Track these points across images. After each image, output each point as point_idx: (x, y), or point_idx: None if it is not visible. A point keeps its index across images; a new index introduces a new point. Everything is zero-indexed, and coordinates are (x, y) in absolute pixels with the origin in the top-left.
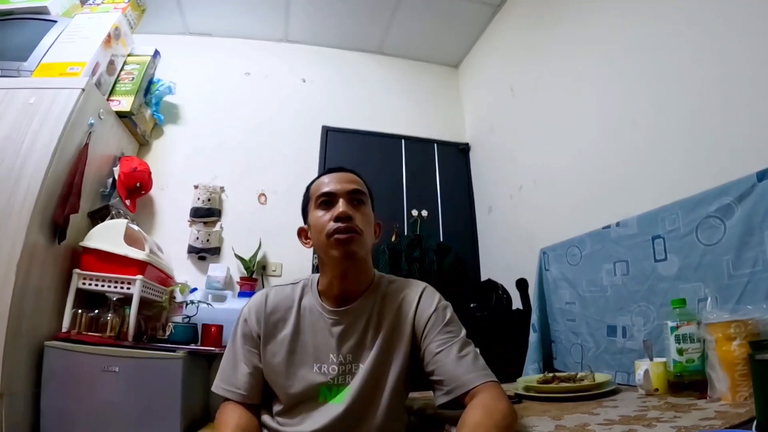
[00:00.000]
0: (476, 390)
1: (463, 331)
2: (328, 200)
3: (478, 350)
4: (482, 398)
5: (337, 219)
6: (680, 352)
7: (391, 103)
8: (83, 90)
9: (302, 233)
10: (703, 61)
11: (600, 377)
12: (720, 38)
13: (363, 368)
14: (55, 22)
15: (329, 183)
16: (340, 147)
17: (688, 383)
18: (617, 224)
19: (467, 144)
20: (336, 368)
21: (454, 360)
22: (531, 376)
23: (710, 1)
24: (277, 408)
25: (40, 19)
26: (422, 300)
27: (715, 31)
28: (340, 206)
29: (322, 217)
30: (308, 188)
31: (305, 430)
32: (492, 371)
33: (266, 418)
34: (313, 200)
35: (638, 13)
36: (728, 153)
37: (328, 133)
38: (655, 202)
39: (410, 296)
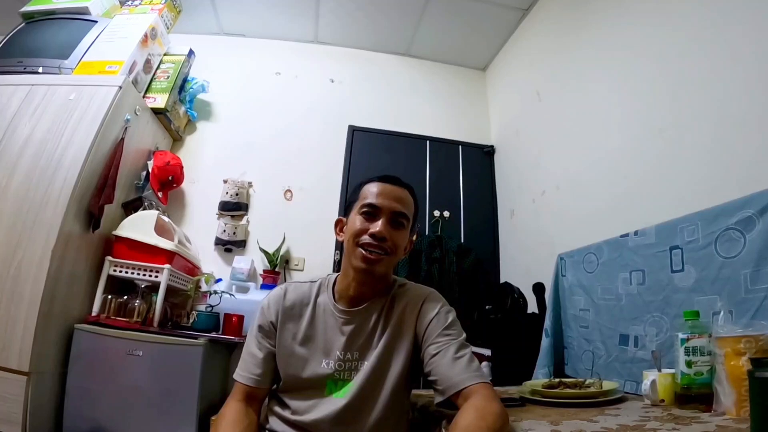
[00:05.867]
0: (468, 391)
1: (463, 335)
2: (371, 212)
3: (492, 357)
4: (474, 400)
5: (371, 235)
6: (689, 364)
7: (417, 104)
8: (120, 87)
9: (339, 224)
10: (729, 70)
11: (607, 385)
12: (747, 47)
13: (366, 365)
14: (96, 22)
15: (379, 195)
16: (366, 146)
17: (695, 396)
18: (635, 233)
19: (492, 147)
20: (343, 364)
21: (450, 361)
22: (538, 380)
23: (738, 10)
24: (284, 397)
25: (81, 19)
26: (426, 304)
27: (742, 41)
28: (379, 225)
29: (359, 225)
30: (360, 186)
31: (308, 419)
32: (502, 373)
33: (275, 407)
34: (358, 203)
35: (665, 20)
36: (751, 164)
37: (354, 132)
38: (674, 211)
39: (415, 300)
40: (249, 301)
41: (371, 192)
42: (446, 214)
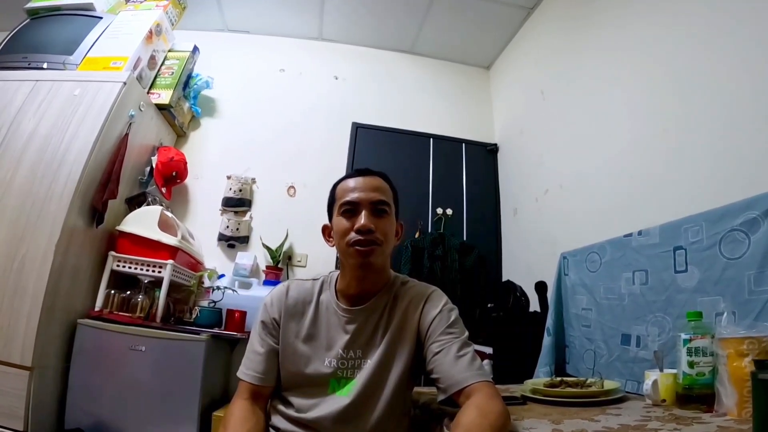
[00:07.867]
0: (470, 389)
1: (465, 334)
2: (351, 209)
3: (494, 356)
4: (476, 398)
5: (358, 231)
6: (691, 365)
7: (421, 102)
8: (125, 83)
9: (326, 231)
10: (736, 71)
11: (608, 384)
12: (753, 48)
13: (369, 364)
14: (100, 18)
15: (354, 190)
16: (370, 143)
17: (697, 396)
18: (639, 233)
19: (495, 145)
20: (345, 362)
21: (452, 359)
22: (540, 378)
23: (744, 11)
24: (288, 395)
25: (86, 15)
26: (428, 302)
27: (749, 42)
28: (362, 218)
29: (344, 225)
30: (334, 188)
31: (311, 417)
32: (503, 371)
33: (279, 404)
34: (337, 204)
35: (672, 21)
36: (757, 165)
37: (357, 129)
38: (679, 212)
39: (418, 298)
40: (252, 297)
41: (346, 189)
42: (449, 211)
